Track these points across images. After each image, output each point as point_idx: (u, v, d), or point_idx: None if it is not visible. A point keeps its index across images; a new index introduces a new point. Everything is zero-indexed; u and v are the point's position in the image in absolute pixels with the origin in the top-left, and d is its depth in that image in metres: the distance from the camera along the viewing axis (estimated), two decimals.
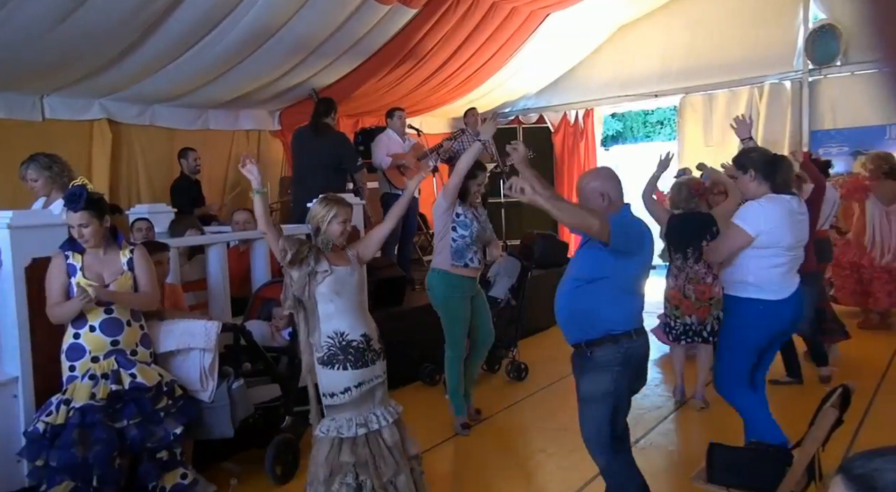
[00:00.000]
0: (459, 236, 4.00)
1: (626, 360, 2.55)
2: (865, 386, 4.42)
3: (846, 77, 7.59)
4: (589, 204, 2.65)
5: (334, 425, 2.78)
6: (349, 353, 2.79)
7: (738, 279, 3.14)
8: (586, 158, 9.51)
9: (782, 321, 3.13)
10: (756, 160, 3.14)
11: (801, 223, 3.13)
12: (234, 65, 5.84)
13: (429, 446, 4.01)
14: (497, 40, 7.56)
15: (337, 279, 2.81)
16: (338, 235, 2.85)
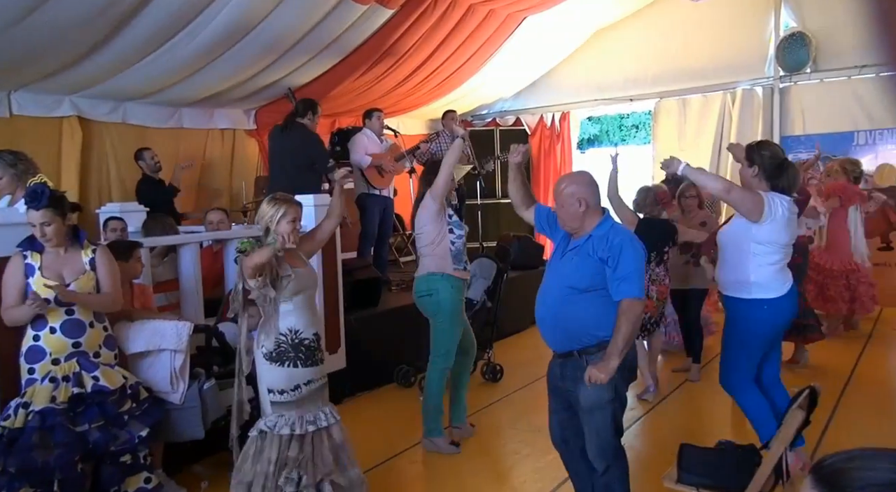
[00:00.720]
0: (457, 237, 3.90)
1: (623, 366, 2.53)
2: (832, 387, 4.51)
3: (816, 84, 7.75)
4: (565, 209, 2.65)
5: (283, 421, 2.79)
6: (300, 351, 2.81)
7: (740, 280, 3.19)
8: (562, 160, 9.57)
9: (782, 316, 3.23)
10: (765, 160, 3.19)
11: (793, 225, 3.22)
12: (209, 62, 5.77)
13: (403, 448, 4.01)
14: (474, 42, 7.57)
15: (299, 281, 2.83)
16: (288, 234, 2.82)
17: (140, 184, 5.99)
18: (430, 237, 3.85)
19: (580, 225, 2.63)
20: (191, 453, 3.58)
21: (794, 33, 7.74)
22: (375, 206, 6.46)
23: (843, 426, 3.99)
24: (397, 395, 5.08)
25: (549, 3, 7.35)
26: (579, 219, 2.62)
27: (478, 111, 10.00)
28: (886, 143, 7.09)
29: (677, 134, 8.53)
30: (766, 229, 3.09)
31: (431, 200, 3.82)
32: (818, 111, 7.74)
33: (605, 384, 2.50)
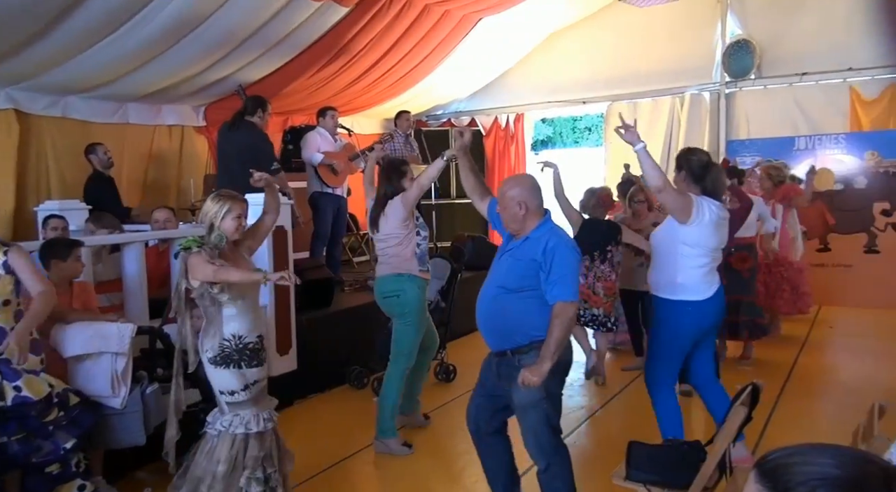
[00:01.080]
0: (423, 239, 4.01)
1: (556, 366, 2.57)
2: (773, 384, 4.65)
3: (759, 90, 8.00)
4: (507, 211, 2.70)
5: (238, 420, 2.76)
6: (245, 354, 2.78)
7: (668, 281, 3.26)
8: (517, 161, 9.65)
9: (708, 319, 3.28)
10: (692, 163, 3.28)
11: (722, 229, 3.28)
12: (156, 56, 5.60)
13: (357, 449, 3.97)
14: (429, 43, 7.57)
15: (243, 284, 2.77)
16: (232, 232, 2.80)
17: (89, 180, 5.78)
18: (398, 239, 3.90)
19: (521, 227, 2.69)
20: (133, 460, 3.47)
21: (739, 40, 7.98)
22: (328, 205, 6.38)
23: (784, 422, 4.13)
24: (350, 396, 5.04)
25: (503, 5, 7.40)
26: (520, 221, 2.68)
27: (432, 111, 10.00)
28: (825, 148, 7.37)
29: None
30: (694, 232, 3.17)
31: (402, 207, 3.86)
32: (761, 116, 8.00)
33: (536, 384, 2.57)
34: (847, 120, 7.53)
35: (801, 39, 7.65)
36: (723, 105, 8.20)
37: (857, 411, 2.42)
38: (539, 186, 2.76)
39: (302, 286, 5.01)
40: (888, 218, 7.09)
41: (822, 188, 7.23)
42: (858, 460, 0.89)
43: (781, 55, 7.77)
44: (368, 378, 5.11)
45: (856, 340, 6.20)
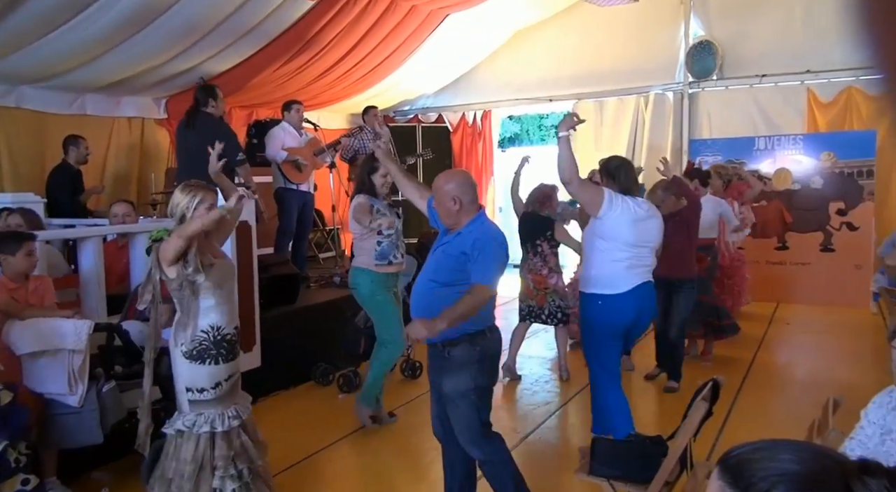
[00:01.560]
0: (385, 238, 4.06)
1: (483, 357, 2.69)
2: (732, 380, 4.76)
3: (721, 91, 8.16)
4: (441, 205, 2.75)
5: (202, 419, 2.69)
6: (223, 347, 2.73)
7: (586, 275, 3.40)
8: (484, 158, 9.67)
9: (624, 315, 3.33)
10: (609, 166, 3.51)
11: (643, 225, 3.35)
12: (115, 45, 5.45)
13: (323, 445, 3.95)
14: (396, 38, 7.52)
15: (221, 271, 2.74)
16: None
17: (57, 170, 5.63)
18: (358, 235, 4.07)
19: (455, 222, 2.74)
20: (90, 459, 3.38)
21: (702, 41, 8.12)
22: (293, 201, 6.30)
23: (743, 417, 4.22)
24: (315, 393, 4.99)
25: (470, 2, 7.39)
26: (454, 216, 2.73)
27: (400, 107, 9.96)
28: (783, 148, 7.55)
29: (594, 135, 8.79)
30: (607, 225, 3.29)
31: (354, 207, 4.02)
32: (723, 117, 8.16)
33: (463, 374, 2.65)
34: (804, 121, 7.73)
35: (761, 42, 7.82)
36: (686, 105, 8.34)
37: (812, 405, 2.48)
38: (473, 182, 2.83)
39: (266, 282, 5.01)
40: (843, 217, 7.30)
41: (780, 188, 7.42)
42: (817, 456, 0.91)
43: (742, 57, 7.94)
44: (334, 375, 5.07)
45: (811, 336, 6.37)
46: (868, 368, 5.06)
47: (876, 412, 1.60)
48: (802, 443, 0.97)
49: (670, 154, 8.18)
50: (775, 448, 0.94)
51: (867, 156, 7.15)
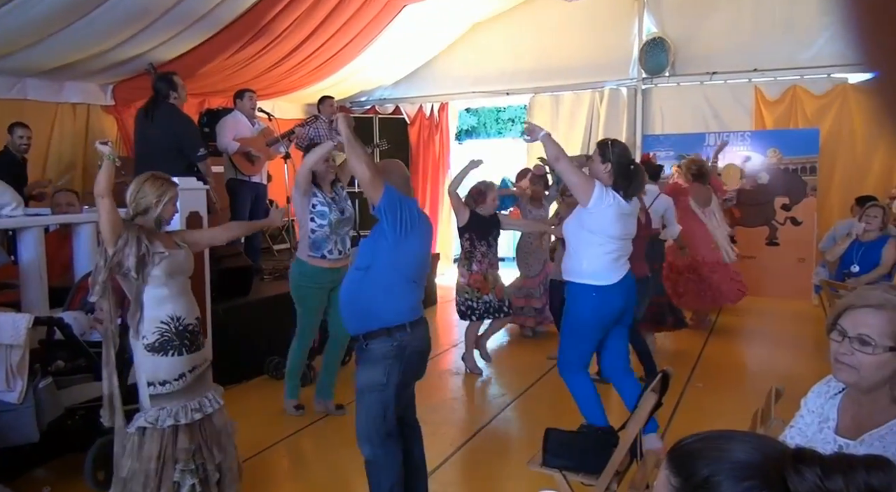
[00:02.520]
0: (318, 226, 3.98)
1: (400, 353, 2.62)
2: (681, 371, 4.87)
3: (673, 87, 8.32)
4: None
5: (165, 414, 2.66)
6: (185, 337, 2.72)
7: (575, 266, 3.38)
8: (441, 150, 9.65)
9: (613, 305, 3.37)
10: (619, 161, 3.32)
11: (628, 220, 3.40)
12: (60, 29, 5.22)
13: (276, 440, 3.90)
14: (353, 27, 7.43)
15: (173, 262, 2.73)
16: (170, 216, 2.83)
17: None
18: (298, 220, 4.08)
19: None
20: (30, 458, 3.26)
21: (655, 38, 8.25)
22: (246, 191, 6.19)
23: (691, 407, 4.33)
24: (268, 387, 4.92)
25: None
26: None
27: (357, 97, 9.86)
28: (733, 144, 7.74)
29: (550, 128, 8.62)
30: (595, 218, 3.27)
31: (294, 190, 4.00)
32: (675, 112, 8.32)
33: (377, 369, 2.61)
34: (752, 118, 7.95)
35: (711, 40, 7.99)
36: (639, 100, 8.47)
37: (757, 394, 2.56)
38: (407, 174, 2.88)
39: (218, 274, 4.91)
40: (787, 212, 7.54)
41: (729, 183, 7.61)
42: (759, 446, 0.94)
43: (693, 54, 8.10)
44: None
45: (757, 327, 6.58)
46: (809, 357, 5.26)
47: (814, 401, 1.65)
48: (745, 433, 0.99)
49: None
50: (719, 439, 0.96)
51: (811, 153, 7.40)
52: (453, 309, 5.35)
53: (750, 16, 7.82)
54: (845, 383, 1.54)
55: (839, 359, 1.49)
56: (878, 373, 1.44)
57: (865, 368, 1.44)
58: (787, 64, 7.63)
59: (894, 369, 1.44)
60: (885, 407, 1.48)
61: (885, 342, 1.42)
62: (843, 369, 1.48)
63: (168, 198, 2.77)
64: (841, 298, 1.65)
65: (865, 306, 1.46)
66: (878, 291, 1.49)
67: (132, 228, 2.67)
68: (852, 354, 1.45)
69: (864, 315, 1.46)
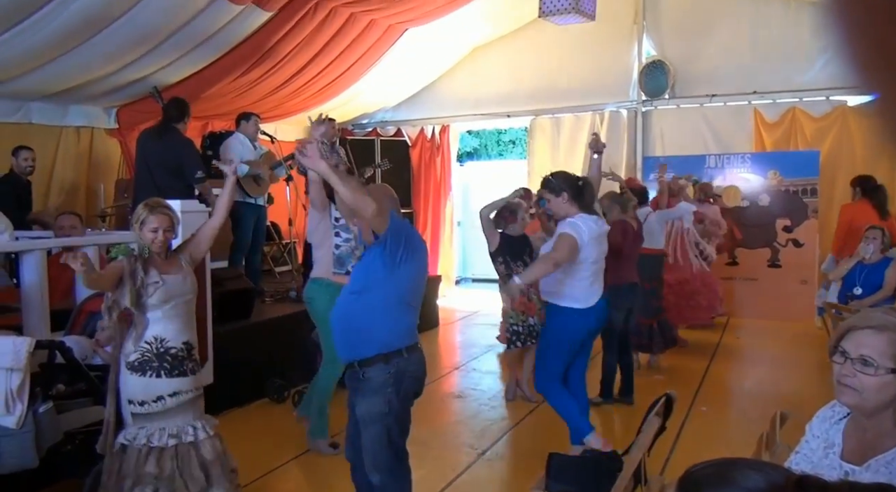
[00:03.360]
0: (344, 241, 3.82)
1: (398, 379, 2.59)
2: (685, 394, 4.83)
3: (673, 109, 8.38)
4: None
5: (144, 433, 2.66)
6: (165, 360, 2.70)
7: (555, 290, 3.60)
8: (442, 172, 9.69)
9: (589, 326, 3.64)
10: (568, 183, 3.56)
11: (601, 242, 3.61)
12: (64, 53, 5.28)
13: (275, 465, 3.86)
14: (355, 51, 7.51)
15: (167, 290, 2.73)
16: (150, 243, 2.77)
17: (2, 179, 5.47)
18: (316, 241, 3.91)
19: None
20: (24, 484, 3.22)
21: (654, 61, 8.33)
22: (250, 213, 6.21)
23: (695, 431, 4.29)
24: (270, 410, 4.89)
25: (428, 17, 7.44)
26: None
27: (358, 120, 9.93)
28: (734, 166, 7.77)
29: (551, 151, 8.91)
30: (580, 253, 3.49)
31: (313, 209, 3.89)
32: (675, 134, 8.37)
33: (377, 398, 2.57)
34: (752, 140, 7.99)
35: (711, 62, 8.07)
36: (639, 122, 8.52)
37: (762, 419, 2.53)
38: (395, 196, 2.83)
39: (220, 297, 4.91)
40: (789, 234, 7.54)
41: (730, 205, 7.63)
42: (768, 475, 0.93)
43: (693, 77, 8.17)
44: (289, 392, 4.97)
45: (761, 350, 6.54)
46: (814, 381, 5.21)
47: (819, 426, 1.64)
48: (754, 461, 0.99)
49: (625, 170, 8.34)
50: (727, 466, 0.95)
51: (811, 175, 7.42)
52: (456, 331, 5.33)
53: (748, 39, 7.90)
54: (848, 406, 1.53)
55: (842, 381, 1.48)
56: (881, 395, 1.44)
57: (867, 389, 1.44)
58: (786, 86, 7.69)
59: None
60: (889, 432, 1.47)
61: (886, 364, 1.42)
62: (845, 391, 1.48)
63: (142, 222, 2.75)
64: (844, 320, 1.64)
65: (867, 328, 1.46)
66: (879, 313, 1.50)
67: (129, 262, 2.69)
68: (854, 375, 1.45)
69: (865, 337, 1.45)
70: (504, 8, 8.21)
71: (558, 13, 5.88)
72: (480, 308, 8.27)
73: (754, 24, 7.86)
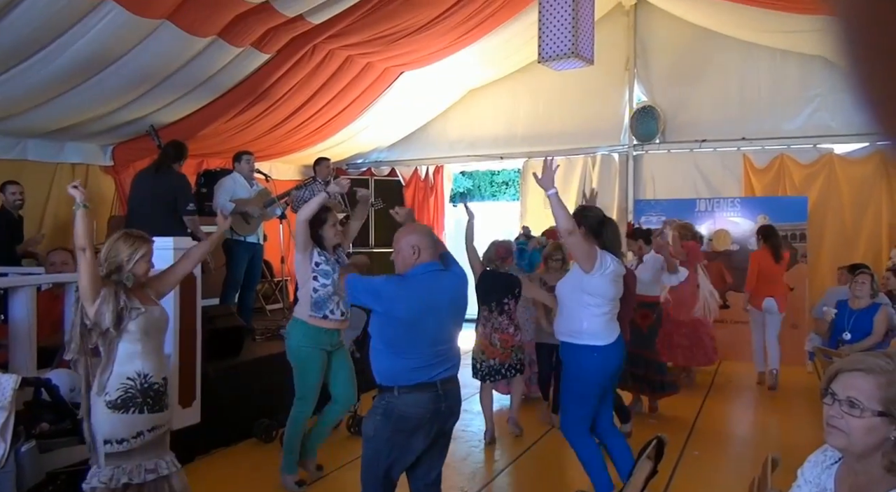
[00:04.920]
0: (321, 286, 3.91)
1: (386, 412, 2.70)
2: (676, 438, 4.80)
3: (663, 154, 8.52)
4: (400, 255, 2.84)
5: (120, 473, 2.63)
6: (149, 396, 2.70)
7: (575, 329, 3.44)
8: (435, 212, 9.76)
9: (611, 362, 3.46)
10: (589, 219, 3.50)
11: (619, 281, 3.52)
12: (63, 92, 5.36)
13: None
14: (351, 93, 7.64)
15: (149, 318, 2.75)
16: (143, 273, 2.81)
17: None
18: (300, 282, 3.97)
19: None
20: None
21: (645, 106, 8.51)
22: (242, 251, 6.20)
23: (688, 475, 4.24)
24: (257, 450, 4.80)
25: (424, 62, 7.60)
26: (410, 266, 2.79)
27: (353, 159, 10.03)
28: (723, 210, 7.86)
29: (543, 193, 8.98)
30: (596, 282, 3.38)
31: (296, 250, 3.94)
32: (666, 178, 8.49)
33: (369, 420, 2.76)
34: (741, 185, 8.11)
35: (700, 109, 8.25)
36: (631, 166, 8.65)
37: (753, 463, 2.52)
38: (433, 235, 2.93)
39: (210, 334, 4.88)
40: None
41: (720, 248, 7.69)
42: None
43: (683, 122, 8.34)
44: (277, 431, 4.90)
45: (752, 394, 6.51)
46: (806, 425, 5.18)
47: (811, 471, 1.63)
48: None
49: (616, 213, 8.43)
50: None
51: (800, 220, 7.51)
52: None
53: (737, 88, 8.10)
54: (836, 448, 1.54)
55: (830, 422, 1.49)
56: (867, 438, 1.44)
57: (855, 431, 1.44)
58: (774, 134, 7.86)
59: (884, 436, 1.44)
60: (881, 477, 1.47)
61: (873, 406, 1.43)
62: (833, 432, 1.49)
63: (140, 255, 2.77)
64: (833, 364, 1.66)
65: (855, 370, 1.48)
66: (869, 356, 1.51)
67: (110, 284, 2.69)
68: (842, 417, 1.46)
69: (853, 379, 1.47)
70: (500, 53, 8.40)
71: (557, 58, 6.00)
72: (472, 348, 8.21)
73: (742, 73, 8.08)
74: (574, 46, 5.92)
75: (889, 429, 1.43)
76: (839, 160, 7.68)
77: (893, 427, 1.42)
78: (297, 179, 8.90)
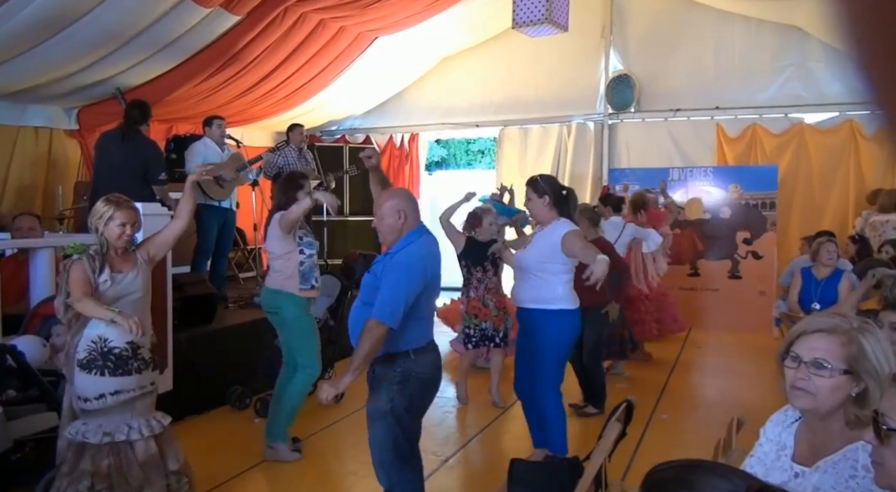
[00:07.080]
0: (307, 257, 3.92)
1: (405, 379, 2.66)
2: (646, 401, 4.90)
3: (638, 123, 8.54)
4: (384, 222, 2.75)
5: (83, 429, 2.72)
6: (109, 359, 2.74)
7: (548, 296, 3.50)
8: (411, 181, 9.70)
9: (577, 327, 3.59)
10: (552, 188, 3.56)
11: None
12: (23, 52, 5.17)
13: (237, 471, 3.79)
14: (324, 57, 7.49)
15: (115, 289, 2.78)
16: (116, 239, 2.81)
17: None
18: (278, 255, 3.90)
19: (396, 238, 2.74)
20: None
21: (620, 75, 8.49)
22: (213, 218, 6.10)
23: (656, 436, 4.35)
24: (231, 417, 4.80)
25: (398, 26, 7.47)
26: (397, 231, 2.74)
27: (327, 126, 9.89)
28: (696, 179, 7.94)
29: (519, 161, 9.00)
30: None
31: (279, 226, 3.83)
32: (640, 147, 8.53)
33: (382, 394, 2.66)
34: (714, 154, 8.18)
35: (675, 79, 8.26)
36: (606, 135, 8.66)
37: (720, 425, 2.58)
38: (415, 199, 2.89)
39: (181, 302, 4.82)
40: (748, 246, 7.71)
41: (692, 217, 7.78)
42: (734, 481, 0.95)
43: (658, 91, 8.35)
44: (251, 399, 4.90)
45: (720, 359, 6.66)
46: (770, 389, 5.31)
47: (773, 430, 1.67)
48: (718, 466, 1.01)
49: (591, 182, 8.47)
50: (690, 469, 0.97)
51: (770, 189, 7.61)
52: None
53: (712, 57, 8.11)
54: (802, 410, 1.56)
55: (796, 385, 1.50)
56: (834, 397, 1.47)
57: (822, 391, 1.46)
58: (747, 103, 7.91)
59: (847, 394, 1.47)
60: (838, 433, 1.51)
61: (839, 365, 1.45)
62: (799, 395, 1.50)
63: (108, 218, 2.78)
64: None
65: (817, 331, 1.49)
66: (825, 317, 1.54)
67: (90, 262, 2.74)
68: (808, 378, 1.48)
69: (816, 340, 1.49)
70: (475, 19, 8.28)
71: (531, 24, 5.93)
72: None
73: (717, 42, 8.08)
74: (548, 12, 5.85)
75: (851, 386, 1.46)
76: (809, 130, 7.76)
77: (855, 384, 1.46)
78: (269, 146, 8.74)
